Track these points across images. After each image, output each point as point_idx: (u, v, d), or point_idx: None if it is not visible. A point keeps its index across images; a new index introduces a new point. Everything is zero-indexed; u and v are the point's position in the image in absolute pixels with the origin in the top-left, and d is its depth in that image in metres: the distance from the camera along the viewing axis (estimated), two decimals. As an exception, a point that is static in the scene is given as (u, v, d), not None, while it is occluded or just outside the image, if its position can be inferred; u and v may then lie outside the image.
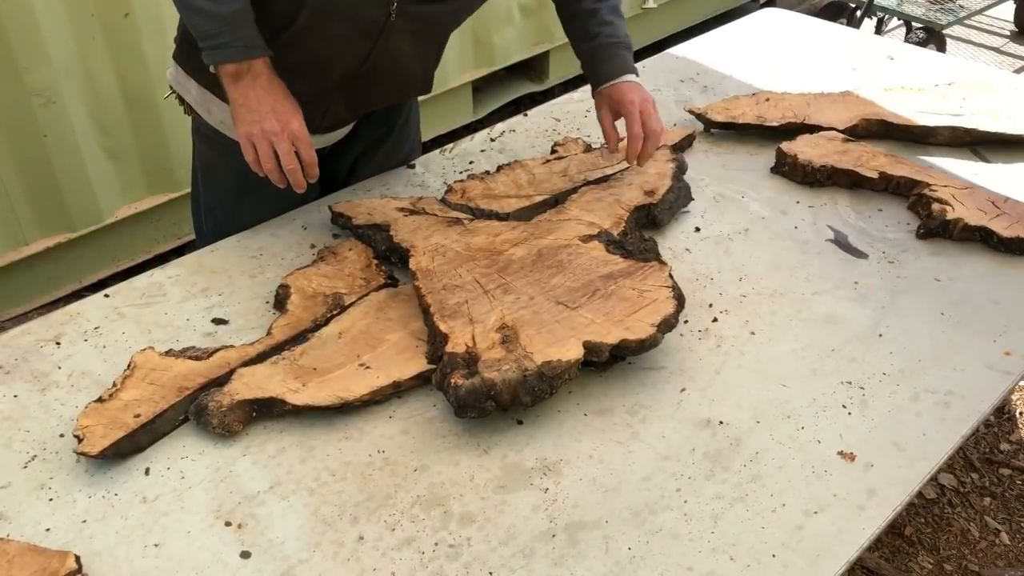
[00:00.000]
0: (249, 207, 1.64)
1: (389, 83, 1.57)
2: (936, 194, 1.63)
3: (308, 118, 1.53)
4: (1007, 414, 2.48)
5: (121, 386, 1.22)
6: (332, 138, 1.69)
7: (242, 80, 1.36)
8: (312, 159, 1.41)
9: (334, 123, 1.63)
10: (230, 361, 1.27)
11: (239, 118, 1.38)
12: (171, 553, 1.05)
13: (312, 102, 1.50)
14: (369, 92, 1.57)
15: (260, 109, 1.36)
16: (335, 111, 1.57)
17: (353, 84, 1.52)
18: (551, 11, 3.58)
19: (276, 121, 1.36)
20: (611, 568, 1.03)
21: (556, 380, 1.18)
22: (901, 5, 4.08)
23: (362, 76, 1.50)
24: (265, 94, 1.37)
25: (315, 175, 1.43)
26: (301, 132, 1.39)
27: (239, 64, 1.34)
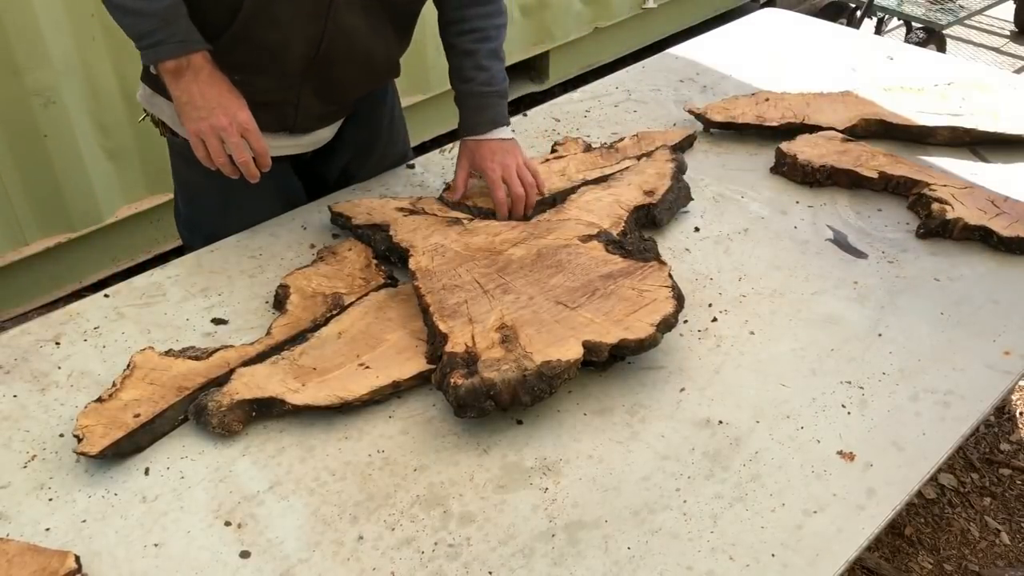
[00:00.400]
0: (234, 220, 1.62)
1: (352, 66, 1.52)
2: (936, 194, 1.63)
3: (282, 117, 1.53)
4: (1007, 414, 2.48)
5: (121, 386, 1.22)
6: (317, 141, 1.67)
7: (183, 76, 1.35)
8: (263, 149, 1.41)
9: (310, 119, 1.59)
10: (230, 361, 1.27)
11: (185, 115, 1.37)
12: (171, 553, 1.05)
13: (281, 99, 1.49)
14: (334, 78, 1.52)
15: (206, 104, 1.35)
16: (307, 105, 1.54)
17: (315, 71, 1.48)
18: (551, 11, 3.61)
19: (223, 115, 1.36)
20: (610, 568, 1.03)
21: (556, 380, 1.18)
22: (901, 5, 4.08)
23: (322, 61, 1.46)
24: (208, 88, 1.36)
25: (267, 164, 1.42)
26: (249, 123, 1.39)
27: (178, 60, 1.33)
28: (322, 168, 1.77)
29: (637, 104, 2.08)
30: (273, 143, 1.55)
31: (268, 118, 1.49)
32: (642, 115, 2.03)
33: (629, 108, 2.06)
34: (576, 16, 3.65)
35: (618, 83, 2.17)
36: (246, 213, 1.63)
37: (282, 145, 1.60)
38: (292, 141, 1.61)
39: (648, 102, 2.09)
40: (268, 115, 1.49)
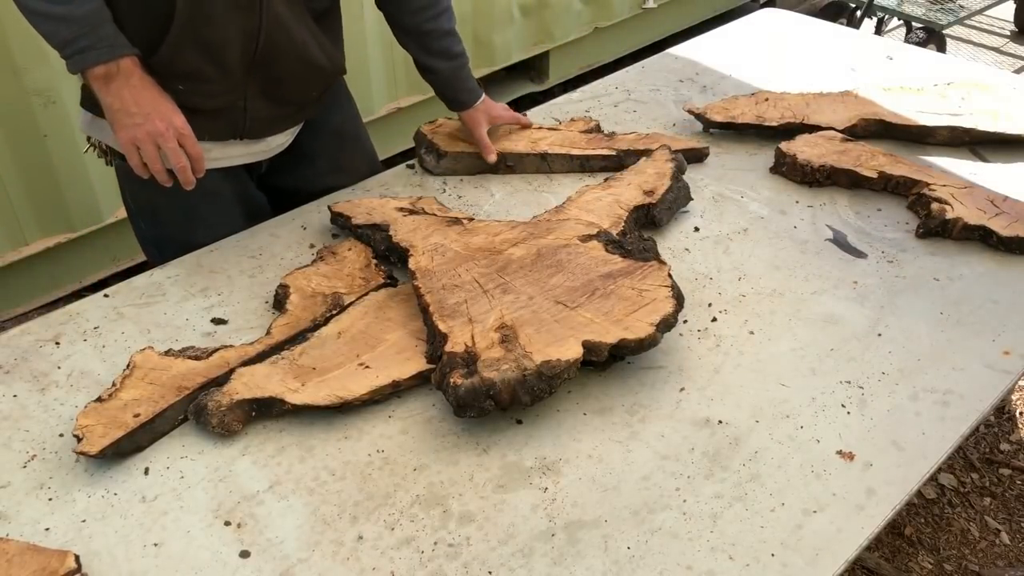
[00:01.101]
0: (200, 236, 1.60)
1: (292, 61, 1.49)
2: (935, 193, 1.64)
3: (232, 123, 1.50)
4: (1007, 414, 2.48)
5: (121, 386, 1.22)
6: (270, 149, 1.64)
7: (114, 82, 1.31)
8: (198, 154, 1.39)
9: (261, 123, 1.56)
10: (229, 361, 1.27)
11: (119, 123, 1.34)
12: (170, 552, 1.05)
13: (229, 104, 1.47)
14: (277, 75, 1.50)
15: (140, 111, 1.33)
16: (255, 107, 1.51)
17: (259, 71, 1.46)
18: (551, 11, 3.61)
19: (159, 120, 1.33)
20: (610, 567, 1.03)
21: (555, 380, 1.18)
22: (901, 5, 4.08)
23: (263, 59, 1.44)
24: (141, 93, 1.33)
25: (203, 169, 1.41)
26: (185, 128, 1.36)
27: (107, 65, 1.30)
28: (281, 181, 1.73)
29: (637, 104, 2.08)
30: (226, 152, 1.54)
31: (218, 125, 1.48)
32: (642, 115, 2.03)
33: (629, 108, 2.07)
34: (576, 16, 3.65)
35: (618, 83, 2.17)
36: (211, 226, 1.60)
37: (236, 154, 1.58)
38: (245, 149, 1.58)
39: (648, 102, 2.09)
40: (218, 122, 1.47)
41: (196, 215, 1.58)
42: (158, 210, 1.61)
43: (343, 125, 1.75)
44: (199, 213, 1.57)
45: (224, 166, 1.56)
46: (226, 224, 1.62)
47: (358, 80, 2.85)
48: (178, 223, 1.60)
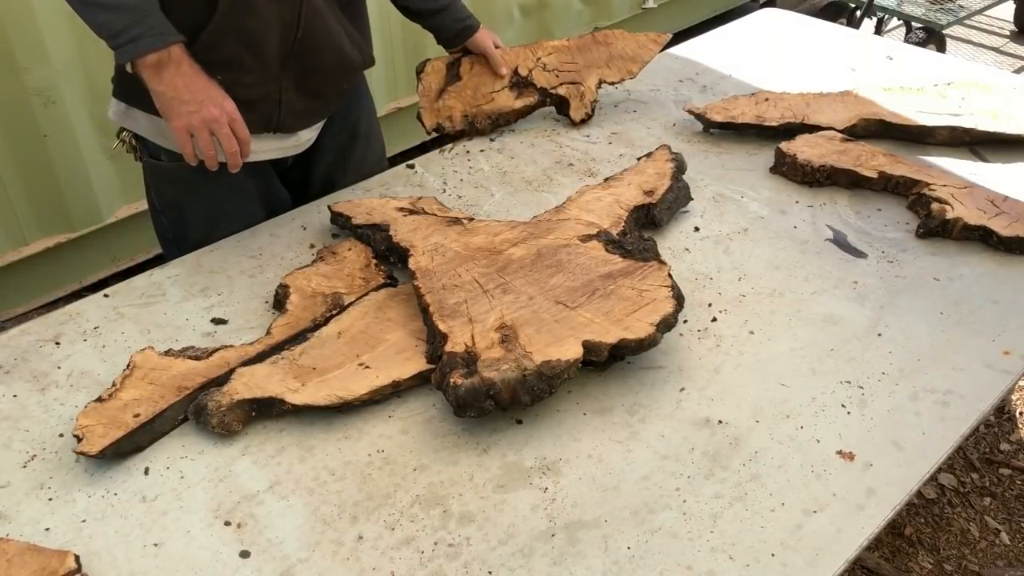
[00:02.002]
0: (221, 231, 1.61)
1: (327, 54, 1.54)
2: (935, 193, 1.63)
3: (267, 115, 1.52)
4: (1007, 414, 2.48)
5: (121, 386, 1.22)
6: (300, 144, 1.66)
7: (166, 70, 1.32)
8: (247, 136, 1.42)
9: (294, 116, 1.58)
10: (229, 361, 1.27)
11: (172, 111, 1.35)
12: (170, 552, 1.05)
13: (264, 96, 1.49)
14: (311, 68, 1.53)
15: (194, 98, 1.34)
16: (289, 100, 1.54)
17: (295, 63, 1.49)
18: (551, 11, 3.61)
19: (213, 106, 1.35)
20: (610, 567, 1.03)
21: (555, 379, 1.18)
22: (901, 5, 4.08)
23: (299, 50, 1.48)
24: (193, 81, 1.34)
25: (249, 152, 1.44)
26: (235, 112, 1.40)
27: (159, 53, 1.31)
28: (304, 174, 1.76)
29: (637, 104, 2.08)
30: (259, 146, 1.56)
31: (253, 117, 1.49)
32: (642, 115, 2.03)
33: (629, 108, 2.07)
34: (576, 16, 3.65)
35: (618, 83, 2.17)
36: (234, 221, 1.62)
37: (268, 148, 1.60)
38: (278, 143, 1.61)
39: (648, 102, 2.09)
40: (253, 114, 1.49)
41: (220, 211, 1.60)
42: (183, 206, 1.63)
43: (358, 122, 1.77)
44: (223, 209, 1.59)
45: (256, 160, 1.58)
46: (247, 220, 1.63)
47: (358, 80, 2.85)
48: (201, 219, 1.62)
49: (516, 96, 1.95)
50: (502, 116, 1.94)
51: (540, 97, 1.96)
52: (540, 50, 1.99)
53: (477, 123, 1.93)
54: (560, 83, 1.97)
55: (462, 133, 1.93)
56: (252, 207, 1.65)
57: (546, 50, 1.99)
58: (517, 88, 1.95)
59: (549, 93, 1.96)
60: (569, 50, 2.00)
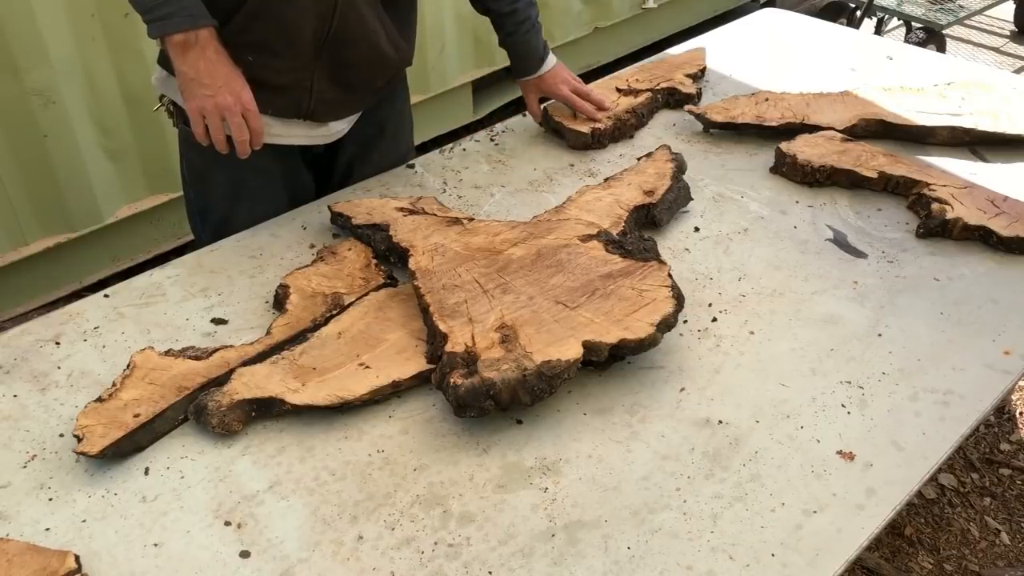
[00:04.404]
0: (243, 210, 1.64)
1: (361, 47, 1.54)
2: (935, 194, 1.64)
3: (296, 102, 1.54)
4: (1007, 414, 2.48)
5: (121, 386, 1.22)
6: (330, 135, 1.68)
7: (191, 51, 1.36)
8: (260, 128, 1.43)
9: (325, 106, 1.59)
10: (230, 361, 1.27)
11: (190, 92, 1.38)
12: (170, 553, 1.05)
13: (295, 82, 1.50)
14: (345, 60, 1.54)
15: (212, 83, 1.37)
16: (320, 89, 1.55)
17: (328, 54, 1.50)
18: (551, 11, 3.61)
19: (229, 94, 1.38)
20: (610, 567, 1.03)
21: (555, 379, 1.18)
22: (901, 5, 4.08)
23: (333, 41, 1.49)
24: (215, 66, 1.37)
25: (260, 143, 1.45)
26: (251, 103, 1.41)
27: (187, 34, 1.34)
28: (329, 163, 1.78)
29: (637, 104, 2.08)
30: (287, 131, 1.58)
31: (283, 102, 1.52)
32: (642, 115, 2.03)
33: (629, 108, 2.06)
34: (576, 16, 3.65)
35: (618, 83, 2.17)
36: (256, 202, 1.64)
37: (296, 134, 1.61)
38: (306, 131, 1.62)
39: (648, 102, 2.09)
40: (283, 99, 1.51)
41: (243, 189, 1.62)
42: (209, 179, 1.65)
43: (387, 120, 1.78)
44: (247, 188, 1.61)
45: (282, 143, 1.60)
46: (270, 203, 1.65)
47: (358, 80, 2.85)
48: (225, 195, 1.64)
49: (635, 97, 2.03)
50: (636, 108, 1.98)
51: (651, 95, 2.03)
52: (617, 80, 2.11)
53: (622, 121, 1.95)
54: (658, 84, 2.07)
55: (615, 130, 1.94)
56: (275, 189, 1.67)
57: (622, 79, 2.11)
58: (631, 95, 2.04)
59: (657, 90, 2.05)
60: (643, 72, 2.16)
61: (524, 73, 1.85)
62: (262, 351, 1.29)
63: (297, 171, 1.72)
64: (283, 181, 1.69)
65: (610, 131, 1.91)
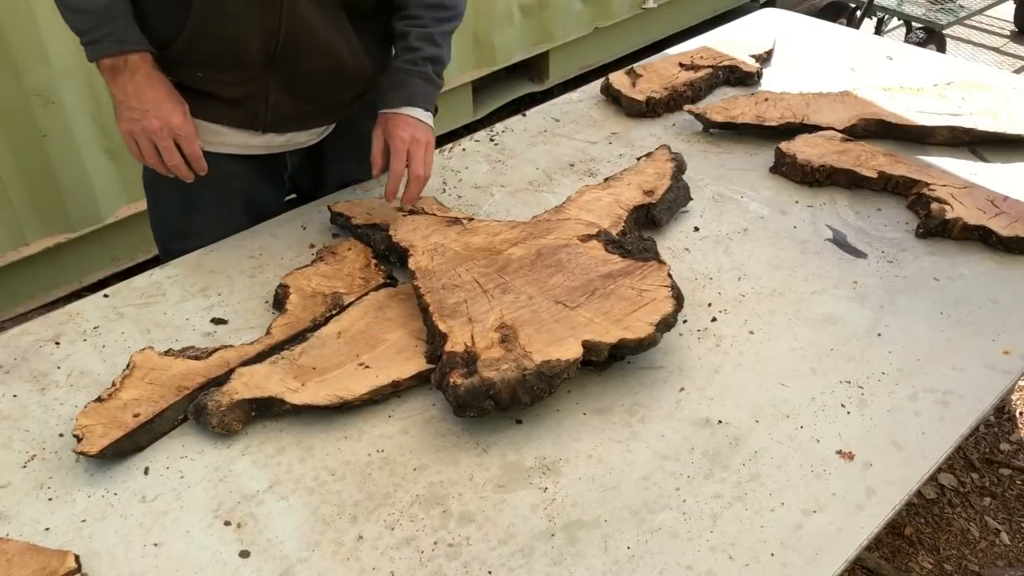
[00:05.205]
0: (196, 224, 1.60)
1: (317, 60, 1.46)
2: (935, 193, 1.64)
3: (252, 113, 1.50)
4: (1007, 414, 2.48)
5: (120, 386, 1.22)
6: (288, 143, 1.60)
7: (120, 75, 1.36)
8: (195, 153, 1.42)
9: (282, 117, 1.54)
10: (229, 361, 1.27)
11: (120, 115, 1.39)
12: (170, 552, 1.05)
13: (249, 94, 1.48)
14: (301, 73, 1.47)
15: (140, 106, 1.37)
16: (277, 101, 1.50)
17: (279, 66, 1.45)
18: (551, 11, 3.61)
19: (156, 119, 1.37)
20: (610, 567, 1.03)
21: (555, 379, 1.18)
22: (901, 5, 4.08)
23: (284, 55, 1.43)
24: (145, 90, 1.37)
25: (202, 168, 1.44)
26: (182, 128, 1.40)
27: (114, 59, 1.35)
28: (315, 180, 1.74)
29: (637, 104, 2.08)
30: (245, 141, 1.54)
31: (238, 114, 1.49)
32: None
33: (629, 108, 2.06)
34: (576, 16, 3.65)
35: (618, 83, 2.17)
36: (209, 216, 1.60)
37: (253, 144, 1.57)
38: (265, 142, 1.57)
39: (648, 102, 2.09)
40: (238, 111, 1.49)
41: (195, 201, 1.59)
42: (160, 189, 1.62)
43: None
44: (199, 200, 1.58)
45: (240, 153, 1.57)
46: (224, 217, 1.61)
47: (358, 80, 2.85)
48: (176, 206, 1.61)
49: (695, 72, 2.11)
50: (695, 82, 2.07)
51: (712, 71, 2.12)
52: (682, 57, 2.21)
53: (678, 93, 2.05)
54: (721, 61, 2.17)
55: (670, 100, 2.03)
56: (230, 204, 1.62)
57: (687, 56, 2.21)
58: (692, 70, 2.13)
59: (719, 66, 2.14)
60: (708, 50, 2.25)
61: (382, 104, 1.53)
62: (262, 351, 1.29)
63: (259, 185, 1.65)
64: (241, 196, 1.63)
65: (664, 101, 2.02)
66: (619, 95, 2.04)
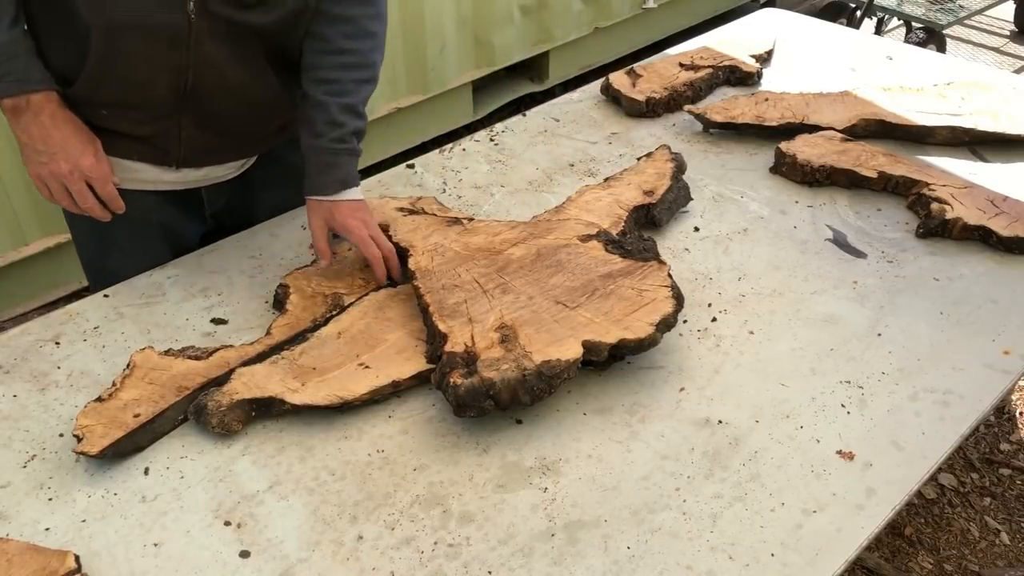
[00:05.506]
0: (115, 261, 1.54)
1: (229, 97, 1.39)
2: (935, 193, 1.64)
3: (164, 150, 1.42)
4: (1007, 414, 2.48)
5: (120, 386, 1.22)
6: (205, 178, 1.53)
7: (22, 116, 1.29)
8: (110, 194, 1.36)
9: (198, 153, 1.46)
10: (229, 361, 1.27)
11: (27, 157, 1.33)
12: (170, 552, 1.05)
13: (160, 131, 1.40)
14: (213, 110, 1.39)
15: (47, 149, 1.30)
16: (190, 137, 1.41)
17: (191, 104, 1.36)
18: (551, 11, 3.61)
19: (65, 162, 1.31)
20: (610, 567, 1.03)
21: (555, 379, 1.18)
22: (901, 5, 4.07)
23: (194, 95, 1.34)
24: (50, 132, 1.30)
25: (119, 208, 1.37)
26: (94, 169, 1.33)
27: (15, 99, 1.28)
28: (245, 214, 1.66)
29: (637, 104, 2.08)
30: (159, 176, 1.47)
31: (149, 150, 1.42)
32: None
33: (629, 108, 2.06)
34: (576, 16, 3.65)
35: (618, 83, 2.17)
36: (128, 252, 1.53)
37: (169, 179, 1.49)
38: (181, 176, 1.49)
39: (648, 102, 2.09)
40: (148, 148, 1.42)
41: (112, 239, 1.52)
42: (76, 225, 1.55)
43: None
44: (116, 237, 1.51)
45: (157, 189, 1.49)
46: (145, 252, 1.54)
47: (358, 80, 2.85)
48: (93, 243, 1.53)
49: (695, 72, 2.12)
50: (695, 82, 2.08)
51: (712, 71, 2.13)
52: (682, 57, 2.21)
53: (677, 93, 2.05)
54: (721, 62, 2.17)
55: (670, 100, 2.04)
56: (149, 239, 1.55)
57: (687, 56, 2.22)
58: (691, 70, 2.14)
59: (719, 66, 2.15)
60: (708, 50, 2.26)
61: (315, 190, 1.43)
62: (262, 351, 1.29)
63: (179, 219, 1.58)
64: (160, 231, 1.56)
65: (664, 101, 2.02)
66: (619, 95, 2.04)
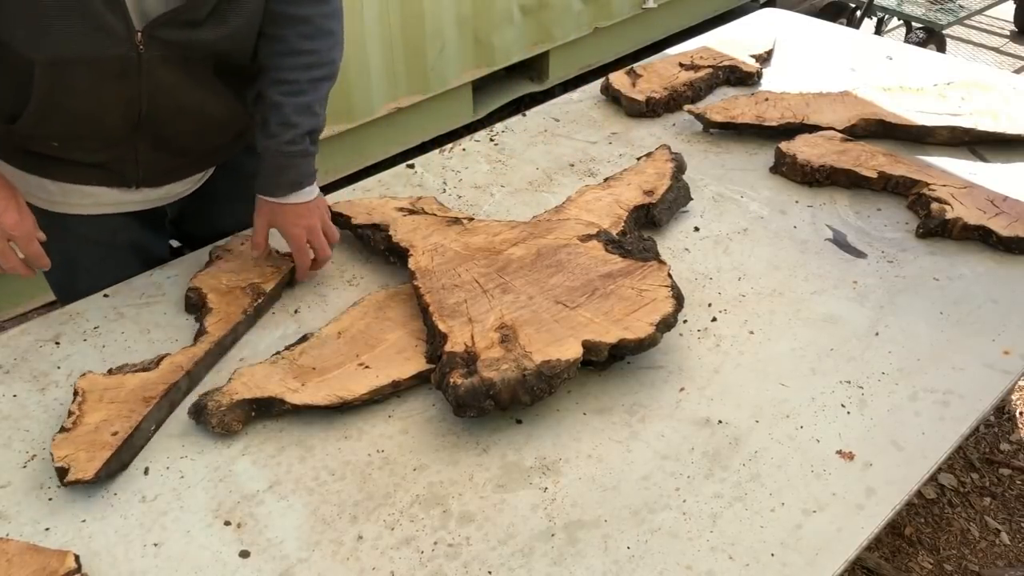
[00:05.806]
0: (83, 283, 1.49)
1: (186, 120, 1.35)
2: (935, 193, 1.64)
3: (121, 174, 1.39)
4: (1007, 414, 2.48)
5: (81, 412, 1.17)
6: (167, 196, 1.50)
7: None
8: (34, 252, 1.29)
9: (156, 173, 1.42)
10: (182, 364, 1.26)
11: None
12: (170, 552, 1.05)
13: (115, 158, 1.35)
14: (170, 133, 1.35)
15: None
16: (148, 159, 1.37)
17: (146, 130, 1.32)
18: (551, 11, 3.61)
19: None
20: (610, 567, 1.03)
21: (555, 379, 1.18)
22: (901, 5, 4.07)
23: (150, 121, 1.30)
24: None
25: (45, 265, 1.31)
26: (17, 228, 1.25)
27: None
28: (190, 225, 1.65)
29: (637, 104, 2.08)
30: (120, 197, 1.44)
31: (106, 176, 1.38)
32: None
33: (629, 108, 2.06)
34: (576, 16, 3.65)
35: (618, 83, 2.17)
36: (96, 274, 1.49)
37: (130, 200, 1.45)
38: (143, 196, 1.46)
39: (648, 102, 2.09)
40: (104, 173, 1.38)
41: (77, 264, 1.49)
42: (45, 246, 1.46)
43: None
44: (80, 262, 1.48)
45: (118, 211, 1.46)
46: (114, 270, 1.51)
47: (358, 80, 2.85)
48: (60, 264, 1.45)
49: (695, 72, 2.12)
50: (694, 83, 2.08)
51: (712, 71, 2.13)
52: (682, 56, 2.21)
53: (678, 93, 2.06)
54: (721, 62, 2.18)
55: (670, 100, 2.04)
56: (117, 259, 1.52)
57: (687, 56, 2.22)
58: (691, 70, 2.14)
59: (719, 67, 2.15)
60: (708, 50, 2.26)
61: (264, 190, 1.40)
62: (210, 349, 1.29)
63: (145, 235, 1.55)
64: (129, 249, 1.53)
65: (664, 100, 2.02)
66: (619, 95, 2.04)
